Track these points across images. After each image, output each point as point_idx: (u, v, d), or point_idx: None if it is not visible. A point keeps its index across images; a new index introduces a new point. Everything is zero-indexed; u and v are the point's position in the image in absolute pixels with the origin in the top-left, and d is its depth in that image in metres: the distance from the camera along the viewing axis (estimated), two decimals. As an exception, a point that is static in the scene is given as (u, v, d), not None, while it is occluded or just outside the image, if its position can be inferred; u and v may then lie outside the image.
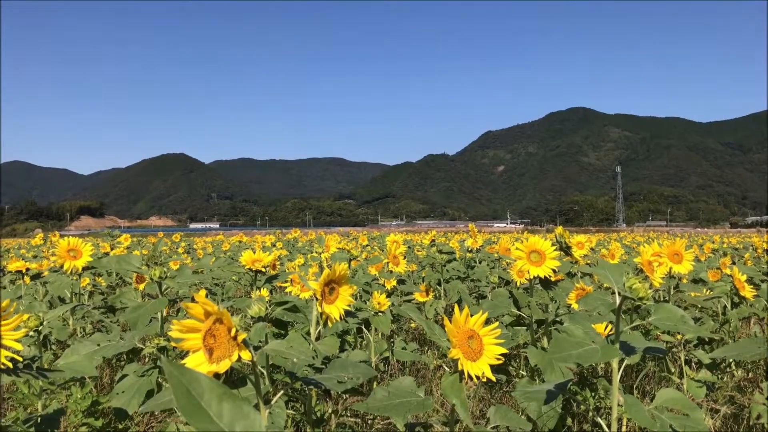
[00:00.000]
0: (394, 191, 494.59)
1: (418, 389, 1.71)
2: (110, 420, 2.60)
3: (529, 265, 2.66)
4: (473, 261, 5.84)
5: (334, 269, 1.87)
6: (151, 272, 2.31)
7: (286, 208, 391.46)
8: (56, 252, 3.08)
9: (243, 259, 3.26)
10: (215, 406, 0.69)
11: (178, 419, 2.08)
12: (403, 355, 3.17)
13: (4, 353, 1.53)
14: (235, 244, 12.70)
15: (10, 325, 1.55)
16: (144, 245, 11.06)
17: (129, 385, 2.18)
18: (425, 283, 4.47)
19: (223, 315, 1.24)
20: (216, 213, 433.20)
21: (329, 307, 1.86)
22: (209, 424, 0.68)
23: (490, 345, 1.65)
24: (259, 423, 0.69)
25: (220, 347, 1.25)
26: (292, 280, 3.55)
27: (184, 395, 0.69)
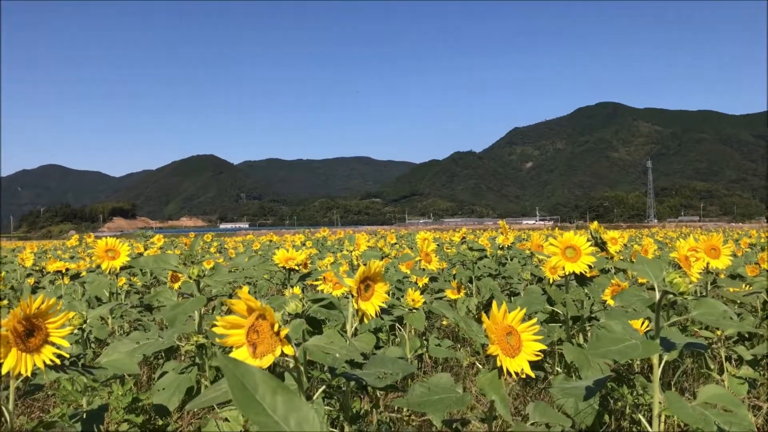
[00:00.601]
0: (421, 189, 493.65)
1: (455, 385, 1.71)
2: (150, 417, 2.65)
3: (564, 261, 2.64)
4: (504, 258, 5.81)
5: (369, 266, 1.88)
6: (189, 271, 2.34)
7: (314, 208, 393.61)
8: (95, 252, 3.15)
9: (277, 258, 3.29)
10: (269, 398, 0.70)
11: (217, 416, 2.11)
12: (437, 351, 3.17)
13: (51, 350, 1.57)
14: (266, 244, 12.82)
15: (57, 323, 1.59)
16: (176, 245, 11.23)
17: (169, 382, 2.21)
18: (456, 280, 4.45)
19: (266, 311, 1.26)
20: (245, 213, 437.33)
21: (365, 303, 1.87)
22: (264, 417, 0.69)
23: (529, 341, 1.64)
24: (312, 416, 0.70)
25: (264, 343, 1.26)
26: (325, 277, 3.57)
27: (239, 388, 0.70)
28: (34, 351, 1.55)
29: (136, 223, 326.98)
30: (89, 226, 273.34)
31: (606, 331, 1.79)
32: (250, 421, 0.68)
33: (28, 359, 1.53)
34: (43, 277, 6.61)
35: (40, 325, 1.56)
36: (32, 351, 1.54)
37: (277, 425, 0.68)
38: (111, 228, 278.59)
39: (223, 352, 2.85)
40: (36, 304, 1.54)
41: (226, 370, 0.71)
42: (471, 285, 4.77)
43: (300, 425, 0.69)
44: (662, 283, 1.76)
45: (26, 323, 1.53)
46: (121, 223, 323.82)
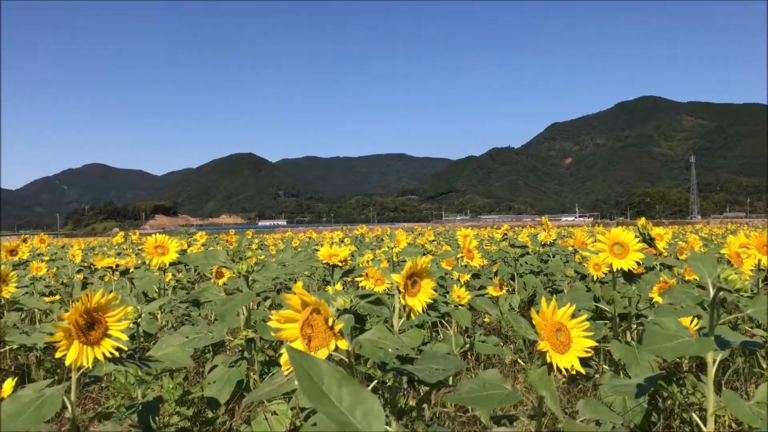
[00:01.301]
0: (458, 186, 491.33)
1: (504, 381, 1.71)
2: (199, 409, 2.71)
3: (612, 257, 2.60)
4: (546, 255, 5.75)
5: (416, 262, 1.88)
6: (238, 267, 2.39)
7: (350, 205, 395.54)
8: (145, 248, 3.23)
9: (320, 254, 3.33)
10: (335, 390, 0.72)
11: (266, 408, 2.15)
12: (484, 348, 3.16)
13: (111, 343, 1.62)
14: (305, 241, 12.92)
15: (116, 316, 1.64)
16: (218, 242, 11.40)
17: (219, 375, 2.26)
18: (498, 277, 4.43)
19: (320, 305, 1.28)
20: (283, 210, 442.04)
21: (412, 300, 1.88)
22: (331, 408, 0.70)
23: (579, 338, 1.63)
24: (378, 408, 0.71)
25: (318, 337, 1.28)
26: (367, 274, 3.59)
27: (306, 379, 0.72)
28: (95, 344, 1.60)
29: (177, 221, 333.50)
30: (132, 223, 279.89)
31: (659, 328, 1.77)
32: (319, 410, 0.70)
33: (89, 351, 1.59)
34: (91, 274, 6.81)
35: (100, 318, 1.61)
36: (93, 344, 1.60)
37: (343, 416, 0.70)
38: (153, 225, 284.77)
39: (262, 349, 2.90)
40: (96, 298, 1.59)
41: (293, 361, 0.73)
42: (513, 282, 4.74)
43: (366, 417, 0.70)
44: (716, 280, 1.72)
45: (87, 317, 1.59)
46: (162, 221, 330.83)
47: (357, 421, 0.70)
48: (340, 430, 0.69)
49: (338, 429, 0.68)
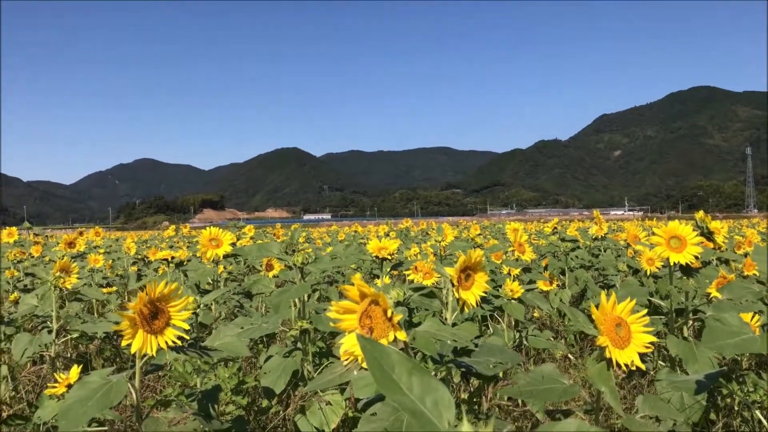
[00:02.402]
0: (504, 179, 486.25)
1: (561, 376, 1.69)
2: (253, 399, 2.76)
3: (669, 251, 2.54)
4: (597, 249, 5.65)
5: (469, 256, 1.88)
6: (293, 259, 2.42)
7: (394, 199, 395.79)
8: (199, 241, 3.30)
9: (370, 247, 3.34)
10: (405, 378, 0.73)
11: (321, 399, 2.18)
12: (537, 342, 3.13)
13: (173, 332, 1.67)
14: (351, 234, 13.01)
15: (178, 306, 1.69)
16: (265, 236, 11.57)
17: (275, 365, 2.30)
18: (549, 271, 4.37)
19: (379, 297, 1.29)
20: (327, 204, 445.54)
21: (465, 293, 1.87)
22: (401, 396, 0.71)
23: (638, 333, 1.60)
24: (448, 397, 0.72)
25: (376, 328, 1.29)
26: (417, 267, 3.60)
27: (377, 368, 0.73)
28: (158, 333, 1.65)
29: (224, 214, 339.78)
30: (181, 217, 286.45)
31: (720, 324, 1.72)
32: (389, 399, 0.71)
33: (153, 340, 1.64)
34: (146, 266, 7.01)
35: (163, 308, 1.66)
36: (156, 333, 1.65)
37: (413, 404, 0.71)
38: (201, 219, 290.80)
39: (314, 341, 2.93)
40: (159, 288, 1.64)
41: (364, 350, 0.74)
42: (563, 277, 4.68)
43: (436, 405, 0.71)
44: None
45: (151, 306, 1.64)
46: (210, 214, 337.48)
47: (427, 410, 0.70)
48: (411, 418, 0.69)
49: (410, 417, 0.69)
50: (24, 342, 3.06)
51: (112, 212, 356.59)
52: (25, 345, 3.05)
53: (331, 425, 2.16)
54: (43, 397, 2.32)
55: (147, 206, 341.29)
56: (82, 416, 1.52)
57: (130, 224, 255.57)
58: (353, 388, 1.85)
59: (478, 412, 2.32)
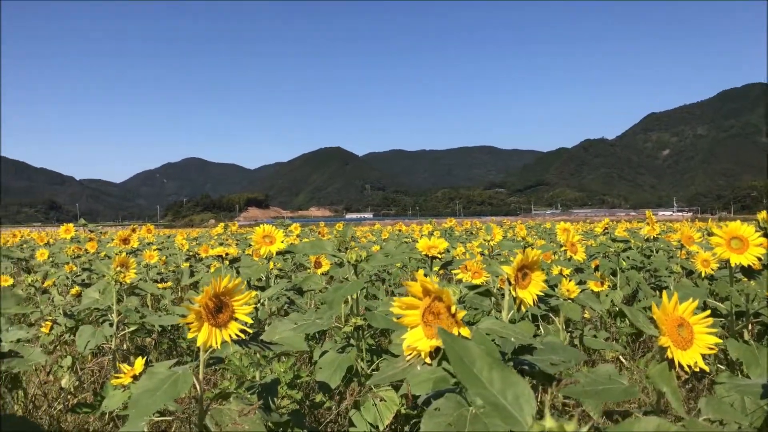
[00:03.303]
0: (548, 179, 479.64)
1: (620, 376, 1.68)
2: (306, 393, 2.81)
3: (730, 252, 2.48)
4: (649, 250, 5.54)
5: (526, 254, 1.88)
6: (348, 256, 2.46)
7: (436, 198, 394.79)
8: (253, 238, 3.37)
9: (419, 245, 3.36)
10: (486, 373, 0.74)
11: (376, 395, 2.20)
12: (593, 342, 3.09)
13: (237, 326, 1.72)
14: (394, 233, 13.05)
15: (241, 301, 1.74)
16: (310, 234, 11.69)
17: (330, 360, 2.34)
18: (600, 272, 4.32)
19: (443, 293, 1.31)
20: (369, 203, 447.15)
21: (523, 292, 1.87)
22: (482, 389, 0.73)
23: (701, 334, 1.58)
24: (528, 392, 0.73)
25: (439, 324, 1.31)
26: (467, 266, 3.60)
27: (458, 362, 0.74)
28: (222, 326, 1.70)
29: (269, 213, 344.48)
30: (226, 215, 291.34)
31: (788, 327, 1.68)
32: (471, 392, 0.72)
33: (217, 333, 1.69)
34: (197, 262, 7.18)
35: (227, 302, 1.71)
36: (220, 326, 1.70)
37: (495, 398, 0.72)
38: (246, 217, 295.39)
39: (367, 337, 2.96)
40: (224, 283, 1.68)
41: (446, 344, 0.75)
42: (614, 277, 4.60)
43: (517, 400, 0.72)
44: None
45: (216, 300, 1.69)
46: (255, 213, 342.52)
47: (508, 404, 0.72)
48: (493, 411, 0.71)
49: (491, 410, 0.70)
50: (87, 334, 3.18)
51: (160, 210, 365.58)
52: (89, 337, 3.16)
53: (385, 421, 2.18)
54: (108, 386, 2.41)
55: (194, 204, 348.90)
56: (151, 405, 1.58)
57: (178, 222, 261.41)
58: (410, 385, 1.87)
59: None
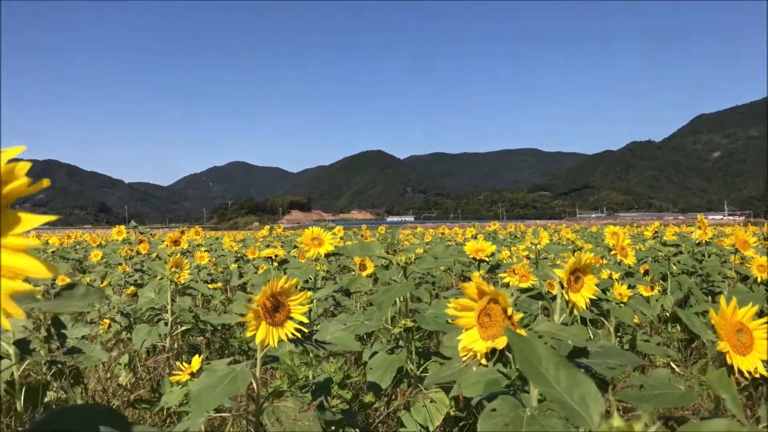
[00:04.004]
0: (593, 182, 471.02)
1: (676, 381, 1.66)
2: (356, 393, 2.85)
3: (790, 257, 2.42)
4: (700, 254, 5.41)
5: (579, 257, 1.87)
6: (397, 258, 2.48)
7: (478, 201, 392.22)
8: (302, 240, 3.43)
9: (467, 248, 3.37)
10: (552, 372, 0.76)
11: (426, 396, 2.22)
12: (647, 347, 3.05)
13: (293, 325, 1.76)
14: (437, 236, 13.04)
15: (297, 300, 1.78)
16: (355, 237, 11.76)
17: (380, 361, 2.37)
18: (650, 276, 4.24)
19: (499, 295, 1.32)
20: (410, 206, 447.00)
21: (575, 295, 1.87)
22: (549, 388, 0.74)
23: (761, 340, 1.55)
24: (595, 392, 0.74)
25: (495, 326, 1.32)
26: (514, 270, 3.59)
27: (525, 361, 0.76)
28: (279, 325, 1.75)
29: (311, 216, 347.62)
30: (270, 218, 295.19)
31: None
32: (539, 390, 0.74)
33: (274, 332, 1.74)
34: (245, 263, 7.31)
35: (283, 302, 1.75)
36: (277, 325, 1.74)
37: (561, 396, 0.74)
38: (289, 220, 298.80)
39: (415, 339, 2.98)
40: (280, 283, 1.73)
41: (513, 343, 0.77)
42: (664, 282, 4.52)
43: (583, 399, 0.73)
44: None
45: (273, 300, 1.74)
46: (298, 216, 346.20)
47: (574, 403, 0.73)
48: (560, 409, 0.72)
49: (560, 407, 0.72)
50: (143, 332, 3.29)
51: (206, 213, 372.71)
52: (145, 335, 3.27)
53: (435, 422, 2.20)
54: (165, 383, 2.49)
55: (238, 207, 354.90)
56: (211, 401, 1.63)
57: (223, 224, 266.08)
58: (461, 386, 1.88)
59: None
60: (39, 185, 0.68)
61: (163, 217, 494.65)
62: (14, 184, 0.66)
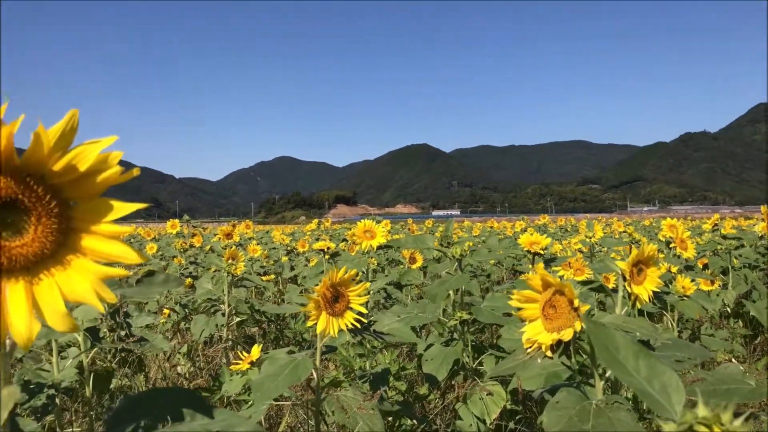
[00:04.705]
0: (645, 174, 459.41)
1: (746, 377, 1.61)
2: (411, 385, 2.86)
3: None
4: (764, 248, 5.20)
5: (642, 249, 1.83)
6: (452, 250, 2.48)
7: (526, 195, 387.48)
8: (354, 232, 3.46)
9: (521, 241, 3.33)
10: (632, 361, 0.74)
11: (483, 388, 2.21)
12: (711, 342, 2.97)
13: (352, 315, 1.78)
14: (486, 230, 12.94)
15: (356, 291, 1.80)
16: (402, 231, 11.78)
17: (436, 353, 2.37)
18: (710, 270, 4.11)
19: (565, 287, 1.30)
20: (456, 200, 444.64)
21: (638, 287, 1.83)
22: (629, 377, 0.73)
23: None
24: (677, 382, 0.73)
25: (561, 318, 1.30)
26: (570, 263, 3.53)
27: (603, 350, 0.75)
28: (339, 315, 1.77)
29: (356, 210, 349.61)
30: (316, 212, 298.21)
31: None
32: (618, 378, 0.73)
33: (334, 322, 1.76)
34: (296, 256, 7.42)
35: (343, 292, 1.77)
36: (337, 315, 1.77)
37: (642, 385, 0.72)
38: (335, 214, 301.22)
39: (472, 332, 2.96)
40: (340, 274, 1.75)
41: (590, 332, 0.76)
42: (724, 276, 4.38)
43: (664, 389, 0.72)
44: None
45: (333, 290, 1.76)
46: (343, 210, 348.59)
47: (655, 392, 0.72)
48: (642, 398, 0.71)
49: (641, 398, 0.71)
50: (201, 323, 3.38)
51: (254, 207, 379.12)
52: (203, 326, 3.36)
53: (492, 415, 2.19)
54: (225, 372, 2.55)
55: (285, 201, 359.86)
56: (273, 390, 1.66)
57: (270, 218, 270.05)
58: (520, 379, 1.87)
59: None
60: (130, 174, 0.71)
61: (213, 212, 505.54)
62: (108, 173, 0.69)
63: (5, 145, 0.63)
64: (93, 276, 0.69)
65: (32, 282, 0.68)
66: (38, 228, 0.67)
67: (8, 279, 0.67)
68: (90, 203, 0.70)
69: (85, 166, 0.67)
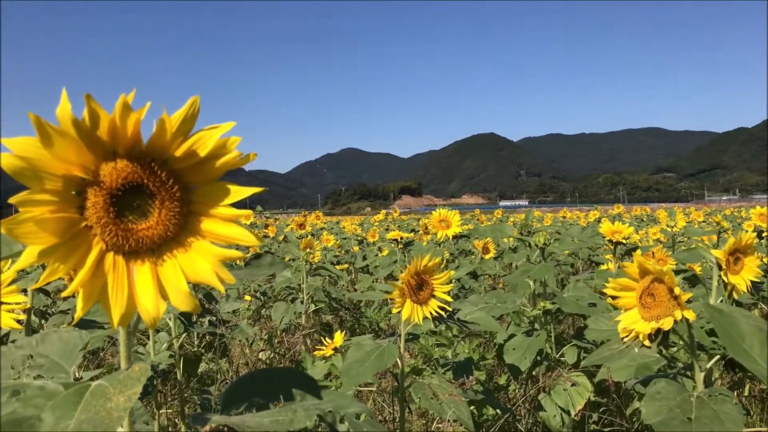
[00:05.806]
0: (724, 162, 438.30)
1: None
2: (490, 374, 2.84)
3: None
4: None
5: (740, 238, 1.75)
6: (534, 239, 2.44)
7: (597, 184, 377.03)
8: (430, 222, 3.46)
9: (602, 230, 3.25)
10: (758, 348, 0.71)
11: (568, 379, 2.18)
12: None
13: (436, 303, 1.78)
14: (558, 219, 12.67)
15: (440, 279, 1.80)
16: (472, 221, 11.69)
17: (518, 343, 2.34)
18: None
19: (665, 275, 1.26)
20: (524, 190, 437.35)
21: (735, 277, 1.75)
22: (754, 364, 0.70)
23: None
24: (809, 371, 0.69)
25: (659, 306, 1.26)
26: (653, 253, 3.42)
27: (727, 336, 0.72)
28: (423, 303, 1.77)
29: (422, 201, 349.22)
30: (381, 203, 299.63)
31: None
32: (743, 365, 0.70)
33: (418, 310, 1.76)
34: (366, 246, 7.49)
35: (427, 280, 1.77)
36: (421, 303, 1.77)
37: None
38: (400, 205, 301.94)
39: (554, 321, 2.91)
40: (424, 261, 1.75)
41: (713, 319, 0.74)
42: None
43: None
44: None
45: (417, 278, 1.76)
46: (408, 201, 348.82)
47: (787, 382, 0.68)
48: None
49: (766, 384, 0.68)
50: (281, 310, 3.46)
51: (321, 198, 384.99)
52: (283, 313, 3.44)
53: (576, 407, 2.15)
54: (307, 358, 2.61)
55: (351, 193, 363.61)
56: (360, 375, 1.68)
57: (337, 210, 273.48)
58: (611, 371, 1.82)
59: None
60: (247, 158, 0.73)
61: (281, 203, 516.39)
62: (227, 158, 0.71)
63: (132, 132, 0.66)
64: (213, 257, 0.71)
65: (157, 263, 0.71)
66: (162, 211, 0.70)
67: (135, 260, 0.71)
68: (208, 187, 0.72)
69: (205, 151, 0.69)
